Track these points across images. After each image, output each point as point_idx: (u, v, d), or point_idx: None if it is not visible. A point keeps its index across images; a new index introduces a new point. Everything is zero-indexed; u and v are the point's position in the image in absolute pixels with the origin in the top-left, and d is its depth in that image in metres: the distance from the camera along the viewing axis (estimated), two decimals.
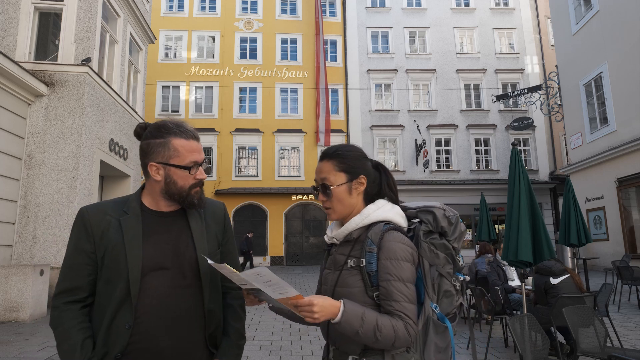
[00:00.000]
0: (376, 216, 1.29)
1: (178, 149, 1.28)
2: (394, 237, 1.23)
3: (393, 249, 1.21)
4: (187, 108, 20.44)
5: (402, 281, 1.20)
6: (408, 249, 1.23)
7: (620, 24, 12.26)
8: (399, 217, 1.32)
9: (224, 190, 19.28)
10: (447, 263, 1.27)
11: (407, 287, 1.20)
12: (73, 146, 8.38)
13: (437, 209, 1.31)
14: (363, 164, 1.35)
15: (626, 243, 12.36)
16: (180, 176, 1.28)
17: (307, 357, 4.65)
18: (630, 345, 5.02)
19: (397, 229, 1.27)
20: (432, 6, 21.73)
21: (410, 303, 1.20)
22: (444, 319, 1.24)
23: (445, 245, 1.27)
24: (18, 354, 4.79)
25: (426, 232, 1.28)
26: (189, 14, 21.38)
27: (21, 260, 7.80)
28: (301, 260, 19.61)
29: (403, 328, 1.16)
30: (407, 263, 1.22)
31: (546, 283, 4.50)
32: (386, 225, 1.27)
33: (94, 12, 9.21)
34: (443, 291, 1.26)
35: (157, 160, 1.28)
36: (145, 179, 1.35)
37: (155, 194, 1.32)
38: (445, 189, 19.65)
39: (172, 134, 1.29)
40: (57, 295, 1.26)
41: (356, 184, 1.32)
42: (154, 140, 1.29)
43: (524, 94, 16.89)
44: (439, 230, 1.28)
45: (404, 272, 1.21)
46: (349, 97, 20.92)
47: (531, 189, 4.29)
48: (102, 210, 1.29)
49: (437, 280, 1.25)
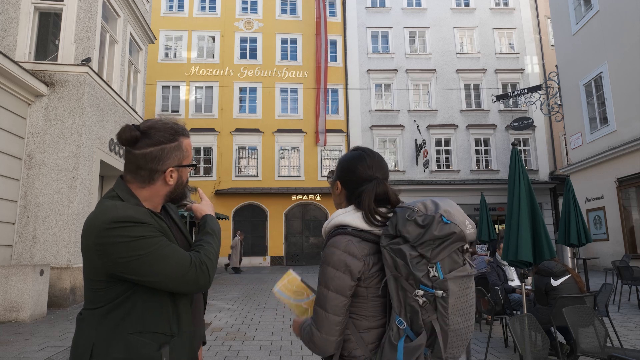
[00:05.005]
0: (337, 221, 1.28)
1: (187, 148, 1.30)
2: (332, 242, 1.22)
3: (325, 254, 1.23)
4: (187, 108, 20.44)
5: (321, 286, 1.21)
6: (339, 254, 1.18)
7: (620, 24, 12.26)
8: (359, 220, 1.23)
9: (224, 190, 19.28)
10: (410, 273, 1.09)
11: (322, 292, 1.19)
12: (73, 146, 8.38)
13: (405, 208, 1.16)
14: (344, 173, 1.36)
15: (626, 243, 12.36)
16: (185, 174, 1.32)
17: (307, 357, 4.65)
18: (630, 345, 5.02)
19: (348, 233, 1.22)
20: (432, 6, 21.74)
21: (321, 309, 1.18)
22: (403, 337, 1.12)
23: (402, 251, 1.10)
24: (18, 354, 4.79)
25: (389, 236, 1.16)
26: (189, 14, 21.38)
27: (21, 260, 7.80)
28: (301, 260, 19.61)
29: (307, 334, 1.22)
30: (332, 269, 1.18)
31: (547, 284, 4.49)
32: (337, 229, 1.26)
33: (94, 12, 9.21)
34: (409, 305, 1.12)
35: (174, 164, 1.26)
36: (142, 185, 1.25)
37: (159, 197, 1.29)
38: (445, 189, 19.64)
39: (180, 135, 1.29)
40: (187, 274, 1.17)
41: (335, 186, 1.39)
42: (169, 144, 1.25)
43: (524, 94, 16.88)
44: (397, 234, 1.14)
45: (324, 277, 1.19)
46: (349, 97, 20.92)
47: (531, 189, 4.29)
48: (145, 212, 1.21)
49: (402, 292, 1.13)
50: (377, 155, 1.37)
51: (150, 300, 1.18)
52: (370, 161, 1.34)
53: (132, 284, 1.16)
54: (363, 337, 1.20)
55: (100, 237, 1.13)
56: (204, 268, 1.19)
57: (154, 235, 1.16)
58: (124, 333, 1.15)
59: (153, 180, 1.25)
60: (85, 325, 1.19)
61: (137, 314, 1.17)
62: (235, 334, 5.77)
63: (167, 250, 1.16)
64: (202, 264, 1.19)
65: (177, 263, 1.15)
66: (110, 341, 1.15)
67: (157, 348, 1.16)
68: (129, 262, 1.12)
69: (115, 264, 1.13)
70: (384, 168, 1.36)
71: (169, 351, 1.18)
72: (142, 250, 1.12)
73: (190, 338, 1.28)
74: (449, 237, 1.09)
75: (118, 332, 1.15)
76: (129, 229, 1.13)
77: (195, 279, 1.17)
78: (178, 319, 1.23)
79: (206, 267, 1.20)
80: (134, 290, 1.17)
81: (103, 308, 1.16)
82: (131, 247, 1.12)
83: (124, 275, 1.14)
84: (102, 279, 1.16)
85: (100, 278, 1.16)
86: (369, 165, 1.33)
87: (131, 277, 1.14)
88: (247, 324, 6.49)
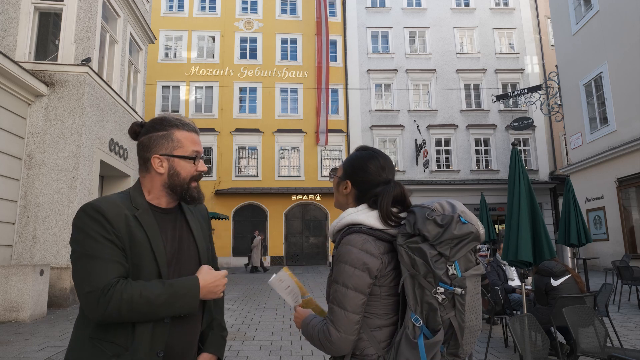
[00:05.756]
0: (348, 219, 1.27)
1: (181, 139, 1.31)
2: (347, 240, 1.21)
3: (341, 252, 1.21)
4: (187, 108, 20.44)
5: (338, 284, 1.19)
6: (357, 252, 1.18)
7: (620, 24, 12.26)
8: (373, 219, 1.24)
9: (224, 190, 19.28)
10: (428, 271, 1.11)
11: (341, 291, 1.17)
12: (73, 146, 8.38)
13: (423, 208, 1.18)
14: (356, 173, 1.34)
15: (626, 243, 12.36)
16: (183, 167, 1.31)
17: (307, 357, 4.65)
18: (630, 345, 5.02)
19: (363, 232, 1.21)
20: (432, 6, 21.74)
21: (340, 308, 1.17)
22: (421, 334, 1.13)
23: (422, 250, 1.12)
24: (18, 354, 4.79)
25: (406, 235, 1.17)
26: (189, 14, 21.38)
27: (21, 260, 7.80)
28: (301, 260, 19.61)
29: (323, 333, 1.19)
30: (350, 267, 1.17)
31: (547, 284, 4.49)
32: (351, 227, 1.25)
33: (94, 12, 9.21)
34: (426, 303, 1.13)
35: (161, 152, 1.29)
36: (143, 175, 1.32)
37: (157, 189, 1.31)
38: (445, 189, 19.64)
39: (173, 126, 1.32)
40: (90, 294, 1.11)
41: (342, 186, 1.37)
42: (156, 133, 1.30)
43: (524, 94, 16.88)
44: (417, 233, 1.15)
45: (342, 275, 1.18)
46: (349, 97, 20.92)
47: (531, 189, 4.29)
48: (116, 204, 1.22)
49: (419, 290, 1.14)
50: (387, 155, 1.40)
51: None
52: (382, 162, 1.35)
53: None
54: (375, 336, 1.20)
55: (75, 217, 1.21)
56: (108, 302, 1.10)
57: (98, 240, 1.14)
58: (88, 336, 1.18)
59: (147, 168, 1.31)
60: (76, 322, 1.24)
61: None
62: (235, 334, 5.77)
63: (91, 263, 1.13)
64: (113, 299, 1.10)
65: (85, 279, 1.12)
66: (78, 342, 1.20)
67: (109, 358, 1.15)
68: (72, 251, 1.18)
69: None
70: (394, 169, 1.39)
71: None
72: (77, 246, 1.16)
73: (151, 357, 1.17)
74: (467, 236, 1.12)
75: (83, 334, 1.19)
76: (84, 219, 1.17)
77: (89, 306, 1.11)
78: (134, 333, 1.16)
79: (113, 303, 1.09)
80: None
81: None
82: (75, 238, 1.18)
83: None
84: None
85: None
86: (382, 166, 1.34)
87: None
88: (247, 324, 6.50)
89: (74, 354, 1.19)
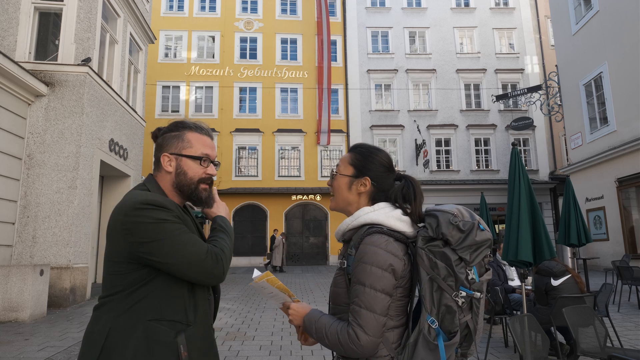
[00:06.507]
0: (366, 219, 1.25)
1: (191, 140, 1.35)
2: (371, 241, 1.19)
3: (365, 252, 1.18)
4: (187, 108, 20.45)
5: (365, 286, 1.15)
6: (384, 253, 1.16)
7: (620, 24, 12.26)
8: (393, 220, 1.23)
9: (224, 190, 19.28)
10: (449, 275, 1.14)
11: (369, 293, 1.15)
12: (73, 146, 8.38)
13: (445, 213, 1.19)
14: (376, 168, 1.32)
15: (626, 243, 12.36)
16: (190, 167, 1.33)
17: (307, 357, 4.65)
18: (630, 345, 5.02)
19: (384, 232, 1.20)
20: (432, 6, 21.74)
21: (368, 310, 1.14)
22: (438, 336, 1.14)
23: (445, 254, 1.14)
24: (18, 354, 4.79)
25: (426, 238, 1.18)
26: (189, 14, 21.39)
27: (21, 260, 7.80)
28: (301, 260, 19.61)
29: (347, 335, 1.15)
30: (377, 268, 1.15)
31: (547, 284, 4.49)
32: (372, 227, 1.23)
33: (94, 12, 9.21)
34: (444, 305, 1.14)
35: (170, 151, 1.34)
36: (156, 174, 1.36)
37: (168, 188, 1.35)
38: (445, 189, 19.65)
39: (187, 128, 1.37)
40: (207, 256, 1.23)
41: (358, 183, 1.32)
42: (170, 133, 1.36)
43: (524, 94, 16.88)
44: (440, 237, 1.16)
45: (370, 277, 1.15)
46: (349, 97, 20.92)
47: (531, 189, 4.29)
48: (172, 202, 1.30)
49: (437, 293, 1.15)
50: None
51: (169, 288, 1.22)
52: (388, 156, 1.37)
53: (151, 271, 1.20)
54: (388, 337, 1.20)
55: (128, 215, 1.20)
56: (219, 259, 1.24)
57: (176, 222, 1.23)
58: (143, 319, 1.18)
59: (159, 167, 1.36)
60: (103, 310, 1.21)
61: (155, 301, 1.20)
62: (235, 334, 5.77)
63: (186, 237, 1.21)
64: (218, 255, 1.24)
65: (194, 250, 1.20)
66: (128, 326, 1.18)
67: (174, 335, 1.19)
68: (150, 243, 1.18)
69: (138, 245, 1.18)
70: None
71: (185, 339, 1.21)
72: (163, 233, 1.19)
73: (207, 329, 1.30)
74: (485, 242, 1.17)
75: (136, 318, 1.18)
76: (155, 212, 1.20)
77: (210, 269, 1.22)
78: (195, 308, 1.26)
79: (221, 259, 1.25)
80: (153, 277, 1.21)
81: (122, 293, 1.20)
82: (154, 228, 1.19)
83: (145, 256, 1.18)
84: (123, 261, 1.20)
85: (121, 260, 1.20)
86: (390, 160, 1.37)
87: (151, 258, 1.18)
88: (247, 324, 6.50)
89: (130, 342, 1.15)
